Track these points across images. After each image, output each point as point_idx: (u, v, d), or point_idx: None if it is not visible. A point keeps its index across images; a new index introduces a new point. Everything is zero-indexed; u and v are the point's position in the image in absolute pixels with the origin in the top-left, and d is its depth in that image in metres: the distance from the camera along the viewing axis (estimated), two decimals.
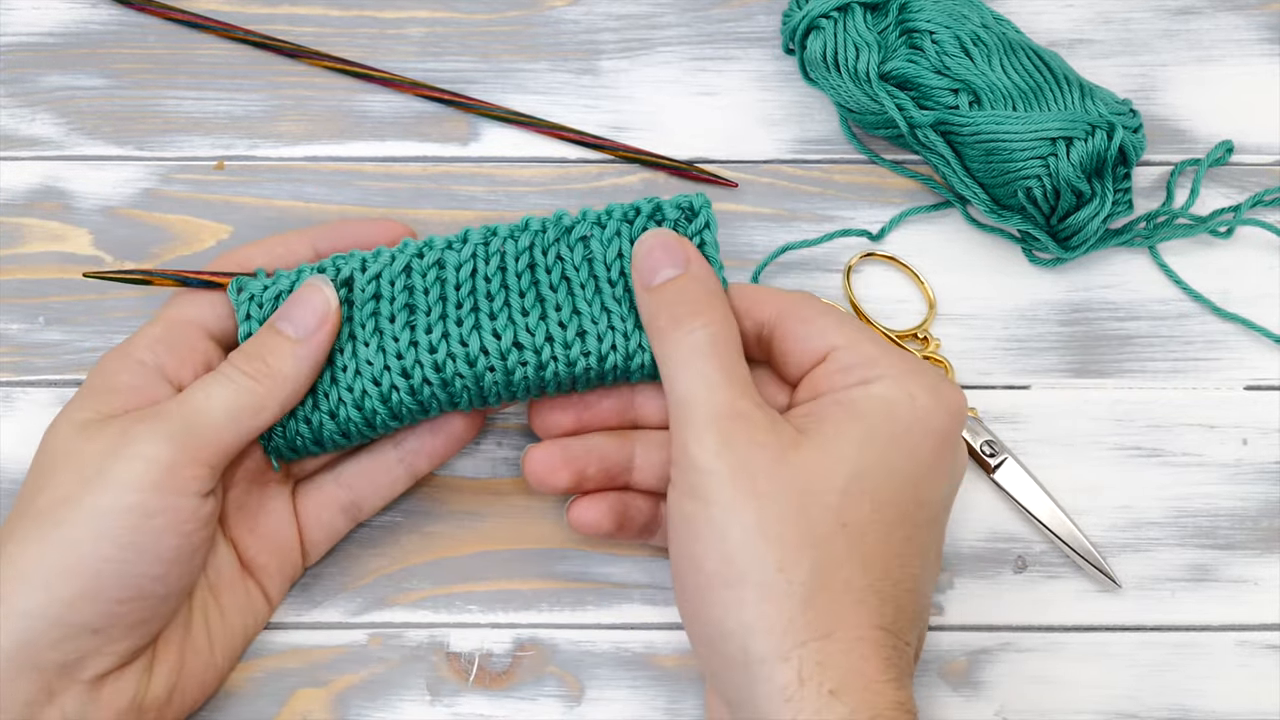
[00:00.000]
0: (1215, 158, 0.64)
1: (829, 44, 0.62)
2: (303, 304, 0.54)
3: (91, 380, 0.54)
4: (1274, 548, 0.60)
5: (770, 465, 0.49)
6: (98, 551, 0.50)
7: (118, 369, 0.54)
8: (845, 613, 0.48)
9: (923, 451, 0.51)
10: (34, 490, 0.52)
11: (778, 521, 0.48)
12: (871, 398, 0.51)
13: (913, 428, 0.51)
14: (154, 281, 0.56)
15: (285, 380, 0.53)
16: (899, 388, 0.51)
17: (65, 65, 0.66)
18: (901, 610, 0.50)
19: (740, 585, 0.48)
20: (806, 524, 0.49)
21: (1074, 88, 0.60)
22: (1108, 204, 0.60)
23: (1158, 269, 0.63)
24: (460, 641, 0.59)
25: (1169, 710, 0.58)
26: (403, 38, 0.66)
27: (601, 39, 0.66)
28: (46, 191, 0.64)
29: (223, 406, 0.52)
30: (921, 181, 0.64)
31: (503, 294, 0.55)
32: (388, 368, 0.54)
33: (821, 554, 0.48)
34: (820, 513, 0.49)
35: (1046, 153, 0.59)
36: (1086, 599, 0.59)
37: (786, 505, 0.49)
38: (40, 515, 0.50)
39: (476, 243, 0.55)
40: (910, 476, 0.51)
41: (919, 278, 0.63)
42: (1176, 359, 0.62)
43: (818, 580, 0.48)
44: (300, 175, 0.64)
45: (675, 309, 0.52)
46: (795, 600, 0.48)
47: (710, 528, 0.49)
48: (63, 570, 0.50)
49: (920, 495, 0.51)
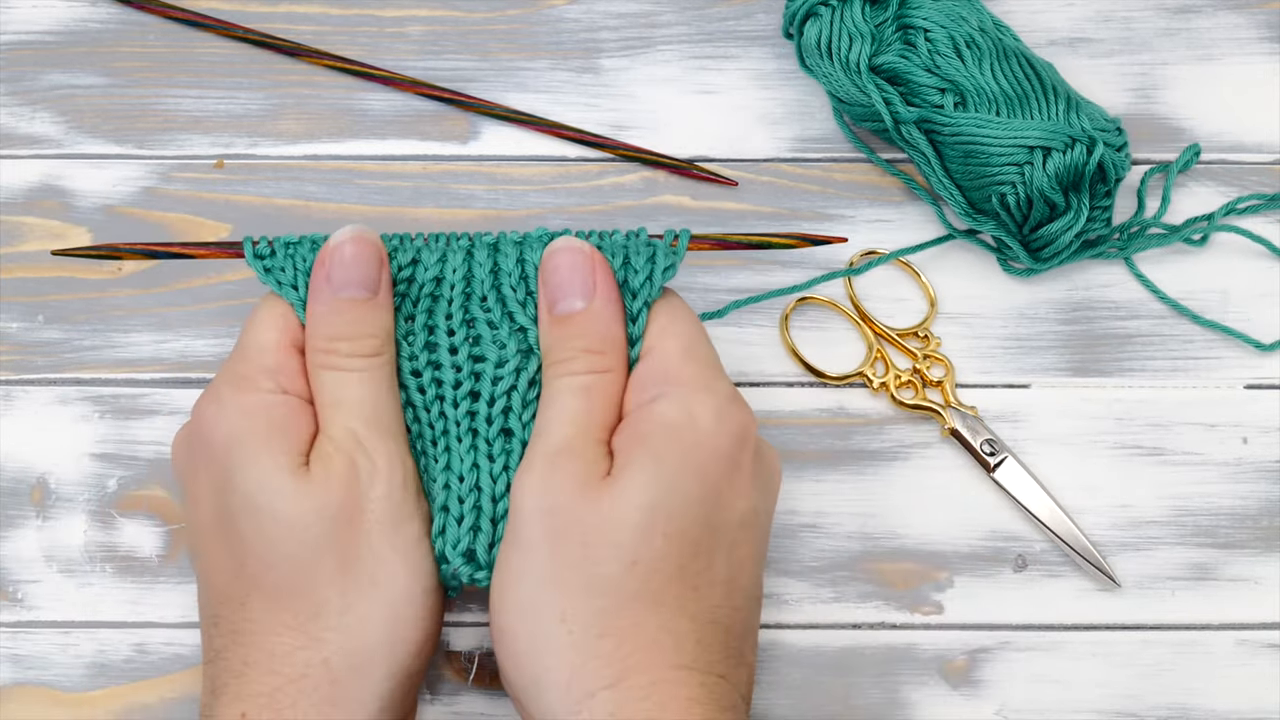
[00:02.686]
0: (1184, 161, 0.64)
1: (824, 31, 0.62)
2: (354, 262, 0.51)
3: (254, 425, 0.50)
4: (1274, 547, 0.60)
5: (572, 504, 0.48)
6: (420, 586, 0.50)
7: (269, 405, 0.51)
8: (636, 656, 0.47)
9: (710, 475, 0.49)
10: (299, 558, 0.49)
11: (565, 566, 0.47)
12: (655, 419, 0.49)
13: (697, 450, 0.48)
14: (123, 257, 0.55)
15: (390, 335, 0.52)
16: (680, 407, 0.49)
17: (65, 63, 0.66)
18: (706, 644, 0.48)
19: (529, 638, 0.47)
20: (591, 567, 0.47)
21: (1060, 99, 0.60)
22: (1082, 219, 0.60)
23: (1158, 268, 0.63)
24: (460, 640, 0.58)
25: (1169, 709, 0.58)
26: (402, 36, 0.66)
27: (601, 37, 0.66)
28: (46, 190, 0.64)
29: (377, 392, 0.51)
30: (904, 181, 0.64)
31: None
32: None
33: (606, 598, 0.47)
34: (608, 552, 0.47)
35: (1023, 161, 0.58)
36: (1086, 598, 0.59)
37: (576, 548, 0.47)
38: (346, 578, 0.49)
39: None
40: (700, 501, 0.48)
41: (920, 276, 0.63)
42: (1177, 358, 0.62)
43: (601, 625, 0.47)
44: (300, 174, 0.64)
45: (570, 347, 0.51)
46: (578, 650, 0.46)
47: (510, 574, 0.48)
48: (404, 620, 0.49)
49: (713, 520, 0.49)
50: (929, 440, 0.61)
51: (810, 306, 0.63)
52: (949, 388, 0.61)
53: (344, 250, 0.51)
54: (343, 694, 0.48)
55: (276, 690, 0.48)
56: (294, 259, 0.53)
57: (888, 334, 0.62)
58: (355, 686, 0.48)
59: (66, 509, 0.60)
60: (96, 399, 0.61)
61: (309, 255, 0.53)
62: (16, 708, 0.58)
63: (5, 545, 0.60)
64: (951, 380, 0.61)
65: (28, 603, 0.59)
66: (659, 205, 0.64)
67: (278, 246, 0.53)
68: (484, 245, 0.54)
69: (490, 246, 0.54)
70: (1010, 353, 0.62)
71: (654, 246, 0.53)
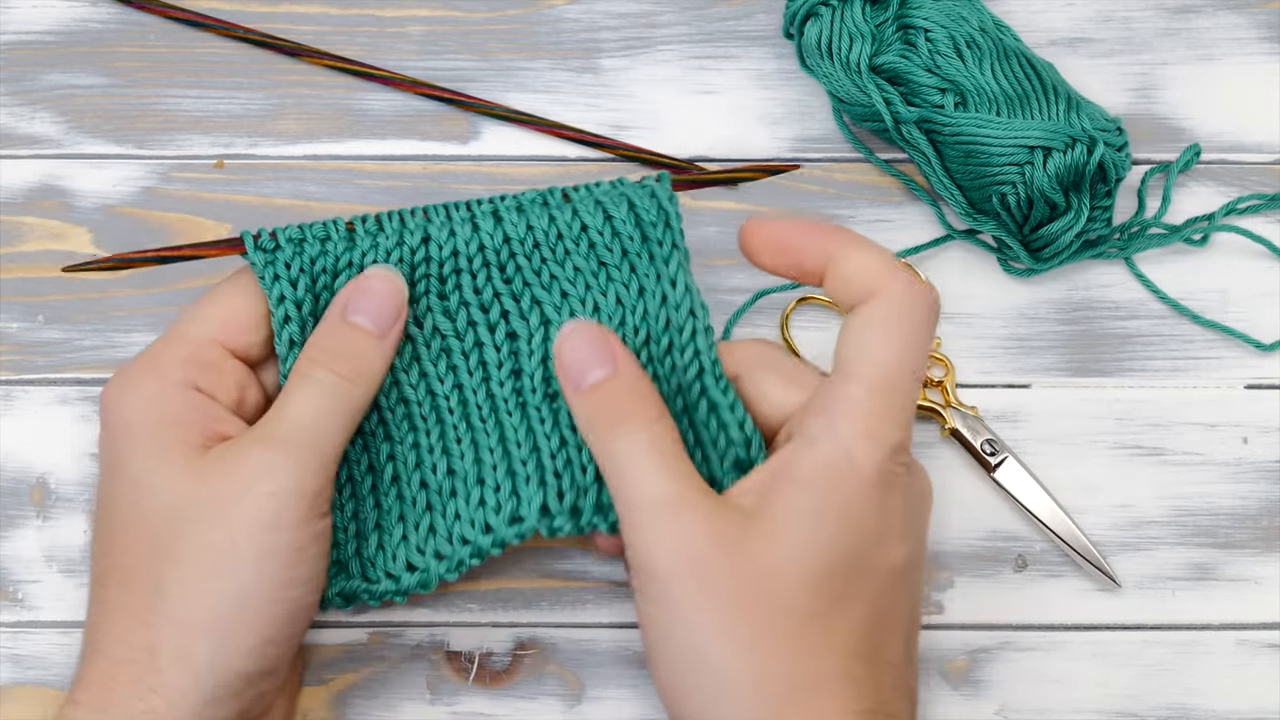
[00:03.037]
0: (1185, 161, 0.64)
1: (824, 31, 0.62)
2: (375, 295, 0.52)
3: (146, 412, 0.51)
4: (1274, 547, 0.60)
5: (725, 561, 0.47)
6: (267, 594, 0.49)
7: (167, 396, 0.51)
8: (821, 706, 0.47)
9: (870, 517, 0.48)
10: (159, 540, 0.49)
11: (741, 624, 0.47)
12: (811, 462, 0.48)
13: (857, 492, 0.48)
14: (133, 265, 0.54)
15: (375, 378, 0.52)
16: (837, 446, 0.48)
17: (65, 63, 0.66)
18: (881, 686, 0.48)
19: (712, 688, 0.47)
20: (768, 622, 0.47)
21: (1061, 99, 0.60)
22: (1082, 219, 0.60)
23: (1158, 268, 0.63)
24: (460, 640, 0.59)
25: (1169, 709, 0.58)
26: (403, 36, 0.66)
27: (601, 37, 0.66)
28: (46, 190, 0.64)
29: (328, 413, 0.50)
30: (903, 181, 0.64)
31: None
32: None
33: (788, 651, 0.47)
34: (783, 608, 0.47)
35: (1024, 161, 0.58)
36: (1086, 598, 0.59)
37: (747, 605, 0.47)
38: (190, 565, 0.49)
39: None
40: (863, 548, 0.48)
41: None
42: (1177, 358, 0.62)
43: (788, 679, 0.47)
44: (300, 174, 0.64)
45: (609, 413, 0.50)
46: (766, 704, 0.46)
47: (675, 633, 0.48)
48: (237, 620, 0.48)
49: (879, 563, 0.48)
50: (929, 440, 0.61)
51: (810, 306, 0.63)
52: (949, 387, 0.61)
53: (370, 283, 0.52)
54: (164, 683, 0.48)
55: (106, 675, 0.49)
56: (300, 253, 0.53)
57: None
58: (177, 677, 0.48)
59: (66, 509, 0.60)
60: (97, 399, 0.61)
61: (315, 248, 0.53)
62: (16, 708, 0.58)
63: (5, 545, 0.60)
64: (952, 380, 0.61)
65: (28, 603, 0.59)
66: None
67: (281, 240, 0.53)
68: (486, 215, 0.54)
69: (492, 215, 0.54)
70: (1010, 353, 0.62)
71: (649, 186, 0.54)
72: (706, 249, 0.63)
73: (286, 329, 0.53)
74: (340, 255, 0.53)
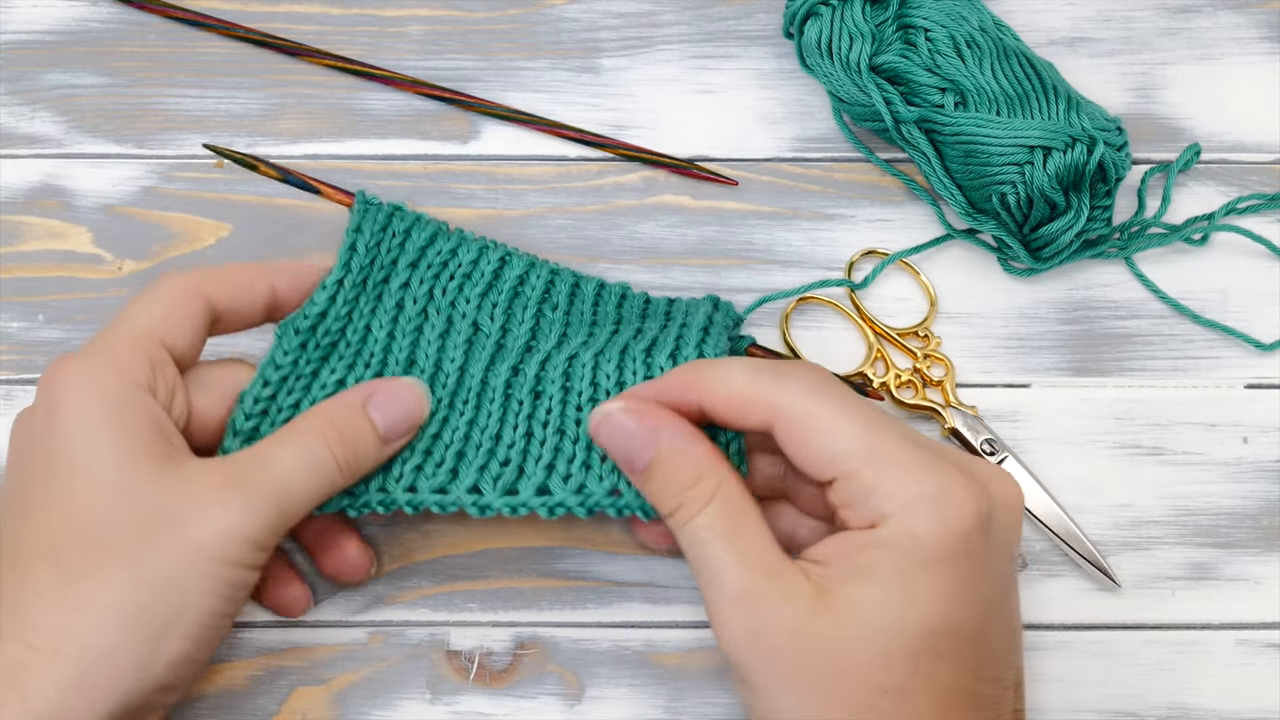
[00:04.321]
0: (1185, 161, 0.64)
1: (824, 31, 0.62)
2: (400, 404, 0.53)
3: (105, 408, 0.50)
4: (1274, 546, 0.60)
5: (793, 645, 0.48)
6: (207, 612, 0.49)
7: (127, 395, 0.51)
8: None
9: (940, 588, 0.48)
10: (112, 536, 0.49)
11: (817, 704, 0.47)
12: (879, 546, 0.48)
13: (924, 570, 0.48)
14: (260, 170, 0.58)
15: (361, 473, 0.53)
16: (902, 528, 0.48)
17: (65, 63, 0.66)
18: None
19: None
20: (845, 699, 0.47)
21: (1061, 99, 0.60)
22: (1082, 218, 0.60)
23: (1158, 268, 0.63)
24: (460, 640, 0.59)
25: (1169, 709, 0.58)
26: (403, 36, 0.66)
27: (602, 37, 0.66)
28: (46, 189, 0.64)
29: (309, 486, 0.51)
30: (903, 181, 0.64)
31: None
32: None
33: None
34: (856, 685, 0.47)
35: (1024, 160, 0.58)
36: (1086, 597, 0.59)
37: (821, 686, 0.47)
38: (141, 569, 0.49)
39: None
40: (933, 621, 0.48)
41: (920, 276, 0.63)
42: (1177, 357, 0.62)
43: None
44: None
45: (672, 494, 0.50)
46: None
47: (760, 712, 0.49)
48: (173, 631, 0.49)
49: (951, 629, 0.48)
50: None
51: (810, 306, 0.63)
52: (949, 387, 0.61)
53: (401, 390, 0.54)
54: (89, 681, 0.48)
55: (19, 663, 0.48)
56: (394, 223, 0.57)
57: (888, 334, 0.62)
58: (104, 676, 0.48)
59: None
60: None
61: (412, 230, 0.58)
62: None
63: None
64: (952, 380, 0.61)
65: None
66: (659, 205, 0.64)
67: (388, 210, 0.57)
68: (520, 263, 0.58)
69: (523, 272, 0.58)
70: (1010, 352, 0.62)
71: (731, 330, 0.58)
72: (707, 249, 0.63)
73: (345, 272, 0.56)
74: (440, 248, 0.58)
